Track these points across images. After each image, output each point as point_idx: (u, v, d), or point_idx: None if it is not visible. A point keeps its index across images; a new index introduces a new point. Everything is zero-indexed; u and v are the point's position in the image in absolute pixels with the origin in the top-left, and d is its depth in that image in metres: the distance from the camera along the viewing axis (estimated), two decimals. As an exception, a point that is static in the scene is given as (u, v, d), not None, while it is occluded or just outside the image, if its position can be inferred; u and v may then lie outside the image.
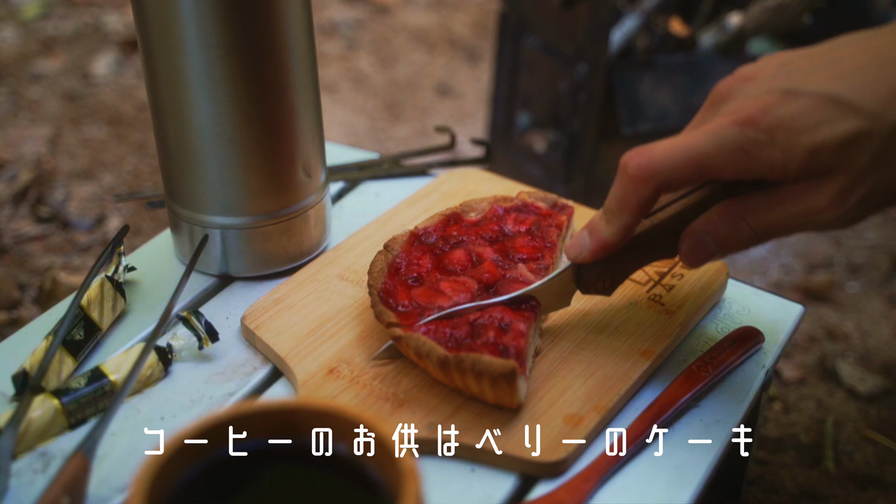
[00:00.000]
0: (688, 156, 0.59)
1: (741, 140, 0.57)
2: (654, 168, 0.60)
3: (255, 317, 0.75)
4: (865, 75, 0.56)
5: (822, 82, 0.56)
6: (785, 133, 0.56)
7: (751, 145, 0.57)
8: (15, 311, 1.25)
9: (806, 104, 0.56)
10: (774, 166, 0.57)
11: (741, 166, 0.58)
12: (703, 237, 0.63)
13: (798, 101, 0.56)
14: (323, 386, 0.68)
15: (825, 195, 0.57)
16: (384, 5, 2.33)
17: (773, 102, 0.57)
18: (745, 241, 0.62)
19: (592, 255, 0.67)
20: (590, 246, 0.67)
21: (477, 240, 0.77)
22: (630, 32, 1.48)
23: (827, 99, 0.56)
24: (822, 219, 0.58)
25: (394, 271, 0.73)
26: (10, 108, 1.80)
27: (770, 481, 0.99)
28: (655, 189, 0.61)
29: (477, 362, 0.63)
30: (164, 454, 0.46)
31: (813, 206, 0.58)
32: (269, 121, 0.75)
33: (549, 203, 0.82)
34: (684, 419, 0.68)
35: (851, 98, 0.55)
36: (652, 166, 0.61)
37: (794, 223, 0.60)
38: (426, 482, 0.60)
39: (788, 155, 0.56)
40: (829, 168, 0.56)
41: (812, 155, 0.56)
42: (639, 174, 0.61)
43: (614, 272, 0.69)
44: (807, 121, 0.56)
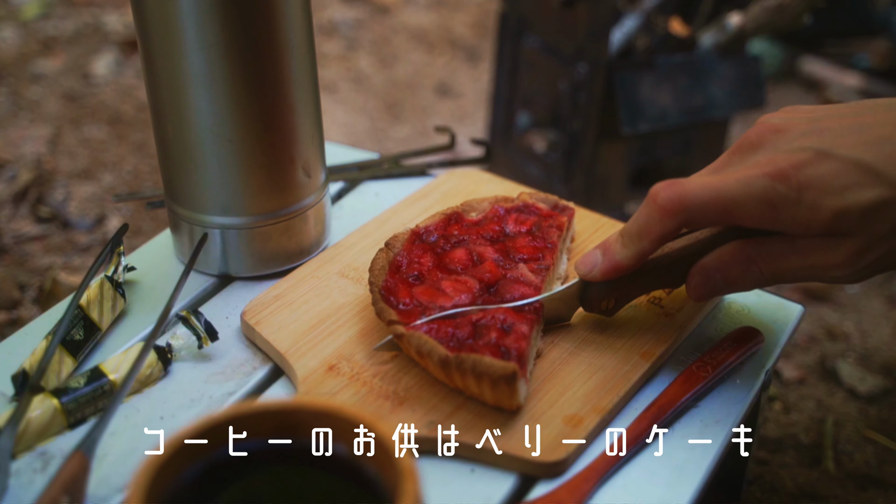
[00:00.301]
0: (717, 197, 0.61)
1: (770, 193, 0.59)
2: (684, 203, 0.62)
3: (254, 313, 0.75)
4: (893, 146, 0.58)
5: (853, 147, 0.59)
6: (814, 193, 0.58)
7: (779, 200, 0.59)
8: (15, 311, 1.25)
9: (837, 168, 0.58)
10: (798, 222, 0.60)
11: (766, 217, 0.61)
12: (713, 274, 0.65)
13: (829, 163, 0.59)
14: (323, 383, 0.68)
15: (840, 254, 0.60)
16: (384, 5, 2.33)
17: (805, 161, 0.59)
18: (754, 282, 0.64)
19: (603, 275, 0.68)
20: (602, 265, 0.68)
21: (478, 239, 0.77)
22: (630, 32, 1.48)
23: (857, 165, 0.58)
24: (832, 274, 0.61)
25: (395, 269, 0.73)
26: (10, 108, 1.80)
27: (770, 481, 0.99)
28: (680, 223, 0.63)
29: (477, 363, 0.63)
30: (163, 454, 0.46)
31: (827, 261, 0.61)
32: (268, 121, 0.75)
33: (549, 204, 0.82)
34: (684, 419, 0.68)
35: (880, 167, 0.58)
36: (682, 201, 0.62)
37: (805, 274, 0.62)
38: (426, 482, 0.60)
39: (814, 214, 0.59)
40: (850, 230, 0.59)
41: (837, 217, 0.58)
42: (668, 206, 0.63)
43: (620, 294, 0.70)
44: (836, 184, 0.58)
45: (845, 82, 2.00)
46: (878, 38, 2.03)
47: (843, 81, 2.00)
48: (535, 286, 0.71)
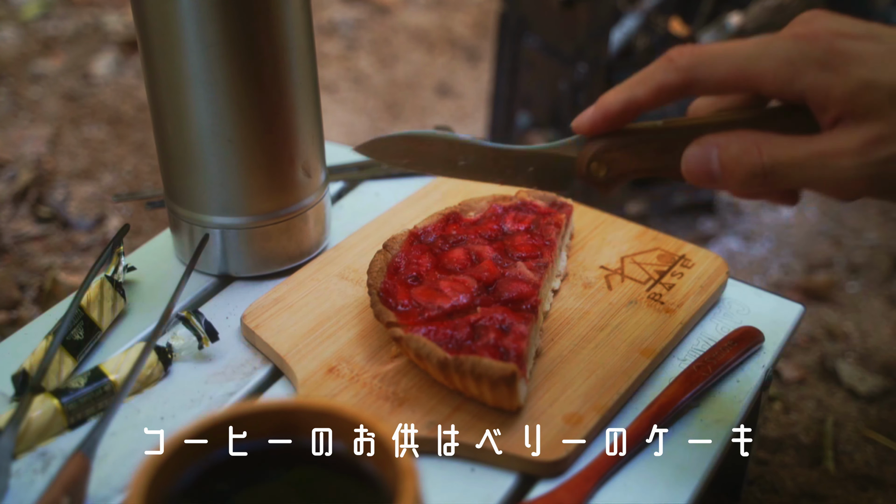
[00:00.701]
0: (732, 56, 0.56)
1: (793, 52, 0.54)
2: (694, 57, 0.57)
3: (254, 316, 0.75)
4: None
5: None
6: (843, 59, 0.53)
7: (801, 58, 0.54)
8: (15, 311, 1.25)
9: (880, 49, 0.54)
10: (818, 88, 0.54)
11: (782, 77, 0.55)
12: (711, 148, 0.57)
13: (873, 43, 0.54)
14: (323, 385, 0.68)
15: (856, 138, 0.53)
16: (384, 5, 2.33)
17: (847, 33, 0.54)
18: (749, 169, 0.56)
19: (591, 122, 0.62)
20: (590, 111, 0.62)
21: (476, 239, 0.77)
22: (630, 32, 1.48)
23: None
24: (841, 164, 0.54)
25: (393, 271, 0.73)
26: (10, 108, 1.80)
27: (770, 481, 0.99)
28: (685, 79, 0.57)
29: (476, 365, 0.63)
30: (163, 454, 0.46)
31: (839, 146, 0.54)
32: (268, 121, 0.75)
33: (547, 201, 0.82)
34: (684, 419, 0.68)
35: None
36: (692, 54, 0.57)
37: (810, 163, 0.55)
38: (426, 482, 0.60)
39: (836, 80, 0.53)
40: (874, 111, 0.53)
41: (863, 88, 0.53)
42: (677, 56, 0.57)
43: (611, 159, 0.63)
44: (873, 58, 0.53)
45: (845, 82, 2.00)
46: (878, 38, 2.03)
47: (843, 81, 2.00)
48: (533, 284, 0.71)
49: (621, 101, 0.60)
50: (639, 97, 0.59)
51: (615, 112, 0.60)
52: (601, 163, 0.64)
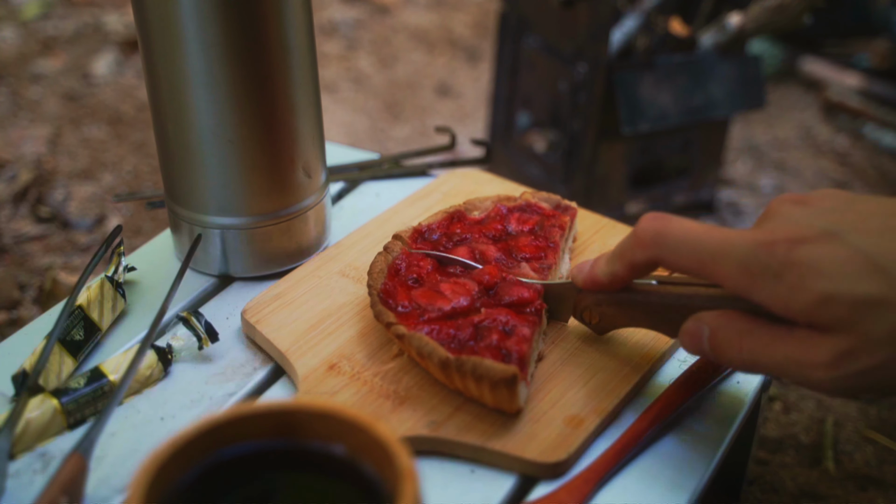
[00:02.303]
0: (695, 244, 0.57)
1: (750, 259, 0.54)
2: (658, 238, 0.59)
3: (255, 311, 0.75)
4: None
5: (867, 235, 0.52)
6: (799, 272, 0.52)
7: (758, 269, 0.54)
8: (15, 311, 1.25)
9: (838, 252, 0.52)
10: (776, 299, 0.54)
11: (741, 284, 0.55)
12: (702, 328, 0.59)
13: (832, 246, 0.52)
14: (323, 382, 0.68)
15: (825, 351, 0.53)
16: (384, 5, 2.33)
17: (806, 237, 0.53)
18: (733, 359, 0.58)
19: (583, 284, 0.67)
20: (584, 273, 0.67)
21: (480, 238, 0.77)
22: (630, 32, 1.48)
23: (863, 255, 0.51)
24: (814, 376, 0.53)
25: (394, 272, 0.73)
26: (10, 108, 1.80)
27: (770, 481, 0.99)
28: (651, 257, 0.60)
29: (478, 366, 0.63)
30: (163, 455, 0.46)
31: (810, 358, 0.53)
32: (269, 121, 0.75)
33: (552, 204, 0.82)
34: (684, 420, 0.68)
35: (887, 263, 0.51)
36: (656, 238, 0.59)
37: (786, 368, 0.55)
38: (425, 482, 0.60)
39: (795, 295, 0.53)
40: (838, 324, 0.52)
41: (821, 303, 0.52)
42: (643, 236, 0.60)
43: (603, 314, 0.68)
44: (829, 268, 0.52)
45: (845, 82, 2.00)
46: (878, 38, 2.03)
47: (843, 81, 2.00)
48: (534, 289, 0.71)
49: (607, 276, 0.65)
50: (619, 274, 0.64)
51: (603, 283, 0.66)
52: (593, 313, 0.69)
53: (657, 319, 0.66)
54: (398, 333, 0.67)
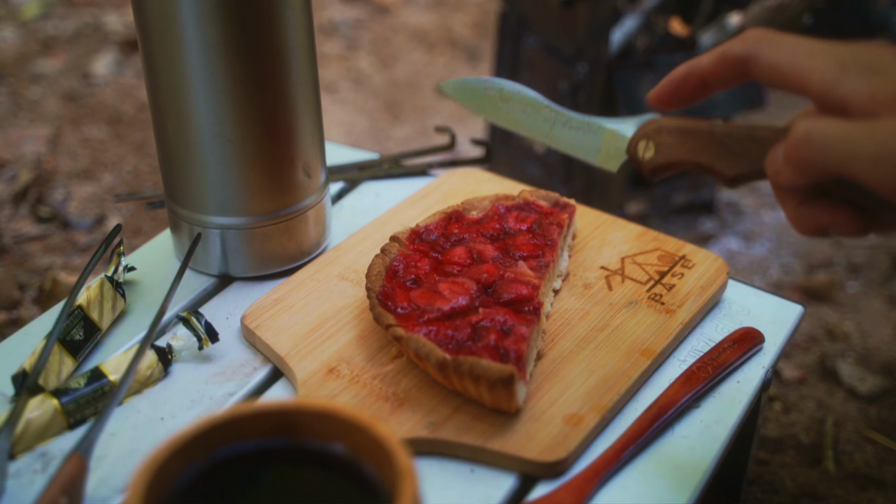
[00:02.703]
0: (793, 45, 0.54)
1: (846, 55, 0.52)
2: (764, 35, 0.55)
3: (255, 316, 0.75)
4: None
5: None
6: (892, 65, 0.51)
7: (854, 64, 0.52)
8: (15, 311, 1.25)
9: None
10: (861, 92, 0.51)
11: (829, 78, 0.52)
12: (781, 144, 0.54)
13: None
14: (323, 385, 0.68)
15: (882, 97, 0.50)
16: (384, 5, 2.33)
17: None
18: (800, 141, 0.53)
19: (657, 91, 0.61)
20: (661, 82, 0.61)
21: (478, 237, 0.77)
22: (630, 32, 1.48)
23: None
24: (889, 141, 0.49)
25: (392, 274, 0.73)
26: (10, 108, 1.80)
27: (770, 481, 0.99)
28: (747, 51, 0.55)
29: (475, 366, 0.63)
30: (163, 454, 0.46)
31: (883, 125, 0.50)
32: (269, 121, 0.75)
33: (550, 201, 0.82)
34: (684, 420, 0.68)
35: None
36: (764, 32, 0.56)
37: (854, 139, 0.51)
38: (425, 482, 0.60)
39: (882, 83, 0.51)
40: None
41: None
42: (745, 35, 0.57)
43: (661, 142, 0.62)
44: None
45: (845, 82, 2.00)
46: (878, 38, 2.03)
47: (843, 81, 2.00)
48: (532, 286, 0.71)
49: (685, 68, 0.59)
50: (702, 63, 0.58)
51: (679, 77, 0.59)
52: (650, 142, 0.62)
53: (718, 151, 0.59)
54: (396, 335, 0.67)
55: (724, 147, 0.59)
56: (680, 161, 0.62)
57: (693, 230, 1.53)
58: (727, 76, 0.58)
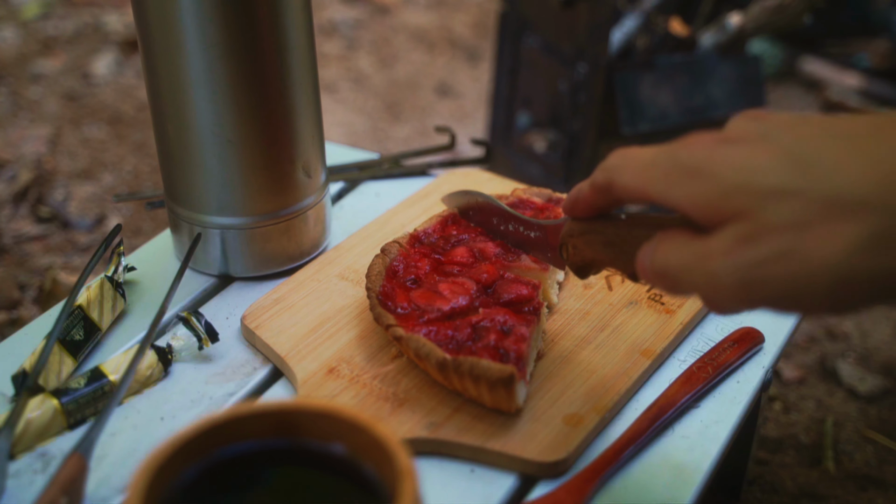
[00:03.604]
0: (635, 160, 0.55)
1: (671, 160, 0.52)
2: (612, 161, 0.58)
3: (255, 316, 0.75)
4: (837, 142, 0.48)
5: (797, 138, 0.50)
6: (713, 168, 0.50)
7: (676, 168, 0.52)
8: (15, 311, 1.25)
9: (760, 149, 0.50)
10: (686, 198, 0.51)
11: (661, 189, 0.53)
12: (648, 248, 0.56)
13: (757, 145, 0.50)
14: (323, 385, 0.68)
15: (724, 238, 0.49)
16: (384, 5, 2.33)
17: (732, 138, 0.51)
18: (649, 270, 0.55)
19: (563, 206, 0.65)
20: (566, 198, 0.64)
21: (477, 237, 0.77)
22: (630, 32, 1.48)
23: (785, 151, 0.49)
24: (712, 267, 0.50)
25: (391, 274, 0.73)
26: (10, 108, 1.80)
27: (770, 481, 0.99)
28: (605, 179, 0.58)
29: (475, 366, 0.63)
30: (163, 454, 0.46)
31: (708, 248, 0.50)
32: (269, 121, 0.75)
33: (543, 198, 0.82)
34: (684, 420, 0.68)
35: (810, 158, 0.48)
36: (612, 159, 0.58)
37: (688, 268, 0.51)
38: (425, 482, 0.60)
39: (703, 189, 0.50)
40: (742, 210, 0.49)
41: (728, 194, 0.49)
42: (604, 162, 0.59)
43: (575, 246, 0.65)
44: (746, 162, 0.49)
45: (845, 82, 2.00)
46: (878, 38, 2.03)
47: (843, 81, 2.00)
48: (532, 285, 0.71)
49: (574, 192, 0.62)
50: (583, 191, 0.61)
51: (571, 200, 0.63)
52: (569, 246, 0.66)
53: (614, 253, 0.61)
54: (396, 335, 0.67)
55: (617, 247, 0.61)
56: (593, 261, 0.64)
57: (693, 230, 1.53)
58: (603, 201, 0.61)
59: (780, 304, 0.49)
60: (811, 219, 0.47)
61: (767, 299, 0.49)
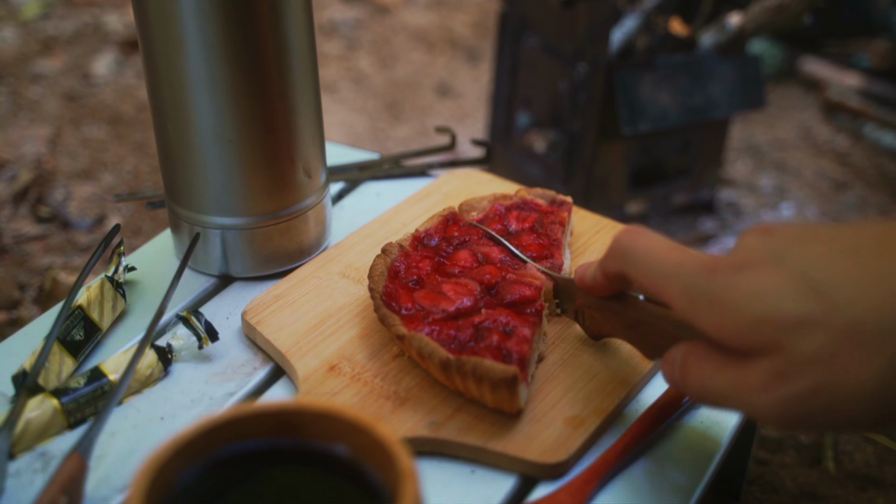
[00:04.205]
0: (651, 266, 0.57)
1: (692, 284, 0.54)
2: (624, 255, 0.60)
3: (256, 312, 0.75)
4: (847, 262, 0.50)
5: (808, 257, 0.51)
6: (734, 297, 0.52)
7: (697, 294, 0.53)
8: (15, 311, 1.25)
9: (777, 275, 0.51)
10: (713, 326, 0.53)
11: (684, 309, 0.55)
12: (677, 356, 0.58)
13: (772, 269, 0.51)
14: (324, 383, 0.68)
15: (759, 374, 0.51)
16: (384, 5, 2.33)
17: (748, 263, 0.52)
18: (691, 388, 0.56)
19: (577, 281, 0.68)
20: (579, 273, 0.68)
21: (480, 239, 0.77)
22: (630, 32, 1.48)
23: (801, 276, 0.50)
24: (752, 401, 0.51)
25: (393, 274, 0.73)
26: (10, 108, 1.80)
27: (770, 481, 0.99)
28: (618, 270, 0.61)
29: (478, 367, 0.63)
30: (163, 454, 0.46)
31: (747, 382, 0.51)
32: (269, 121, 0.75)
33: (547, 199, 0.82)
34: (684, 420, 0.68)
35: (823, 283, 0.49)
36: (623, 252, 0.60)
37: (729, 396, 0.53)
38: (426, 483, 0.60)
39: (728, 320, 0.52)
40: (769, 346, 0.50)
41: (753, 326, 0.50)
42: (614, 249, 0.61)
43: (592, 318, 0.68)
44: (766, 291, 0.50)
45: (845, 82, 2.00)
46: (878, 38, 2.03)
47: (843, 81, 2.00)
48: (535, 286, 0.71)
49: (590, 279, 0.66)
50: (598, 279, 0.65)
51: (587, 286, 0.67)
52: (585, 315, 0.69)
53: (633, 334, 0.65)
54: (399, 334, 0.67)
55: (638, 331, 0.64)
56: (610, 334, 0.68)
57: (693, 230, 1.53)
58: (620, 287, 0.65)
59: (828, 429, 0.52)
60: (837, 350, 0.48)
61: (816, 426, 0.51)
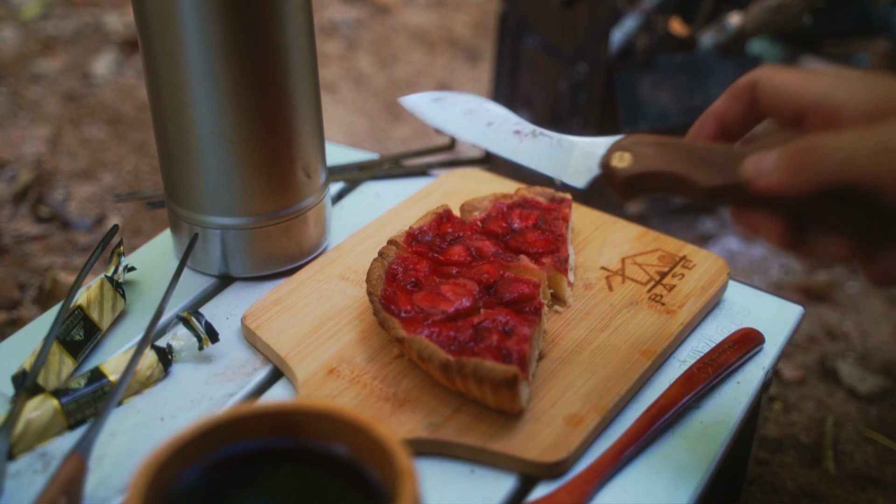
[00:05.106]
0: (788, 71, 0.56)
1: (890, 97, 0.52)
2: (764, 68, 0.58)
3: (255, 317, 0.75)
4: None
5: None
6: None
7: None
8: (15, 311, 1.25)
9: None
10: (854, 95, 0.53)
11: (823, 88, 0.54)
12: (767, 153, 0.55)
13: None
14: (323, 386, 0.68)
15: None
16: (384, 5, 2.33)
17: None
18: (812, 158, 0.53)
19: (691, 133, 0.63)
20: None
21: (474, 235, 0.77)
22: (630, 32, 1.48)
23: None
24: None
25: (391, 277, 0.73)
26: (10, 108, 1.80)
27: (770, 481, 0.99)
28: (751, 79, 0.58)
29: (479, 367, 0.63)
30: (163, 455, 0.46)
31: None
32: (269, 121, 0.75)
33: (546, 197, 0.82)
34: (684, 420, 0.68)
35: None
36: (764, 67, 0.58)
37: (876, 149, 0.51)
38: (425, 483, 0.60)
39: None
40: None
41: None
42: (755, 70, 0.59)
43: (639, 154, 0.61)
44: None
45: (845, 82, 2.00)
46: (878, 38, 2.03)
47: (843, 81, 2.00)
48: (533, 284, 0.71)
49: (703, 115, 0.62)
50: (715, 104, 0.61)
51: (699, 124, 0.62)
52: (626, 154, 0.62)
53: (696, 164, 0.59)
54: (399, 336, 0.67)
55: (703, 160, 0.59)
56: (656, 172, 0.61)
57: (693, 230, 1.53)
58: (739, 108, 0.60)
59: None
60: None
61: None
